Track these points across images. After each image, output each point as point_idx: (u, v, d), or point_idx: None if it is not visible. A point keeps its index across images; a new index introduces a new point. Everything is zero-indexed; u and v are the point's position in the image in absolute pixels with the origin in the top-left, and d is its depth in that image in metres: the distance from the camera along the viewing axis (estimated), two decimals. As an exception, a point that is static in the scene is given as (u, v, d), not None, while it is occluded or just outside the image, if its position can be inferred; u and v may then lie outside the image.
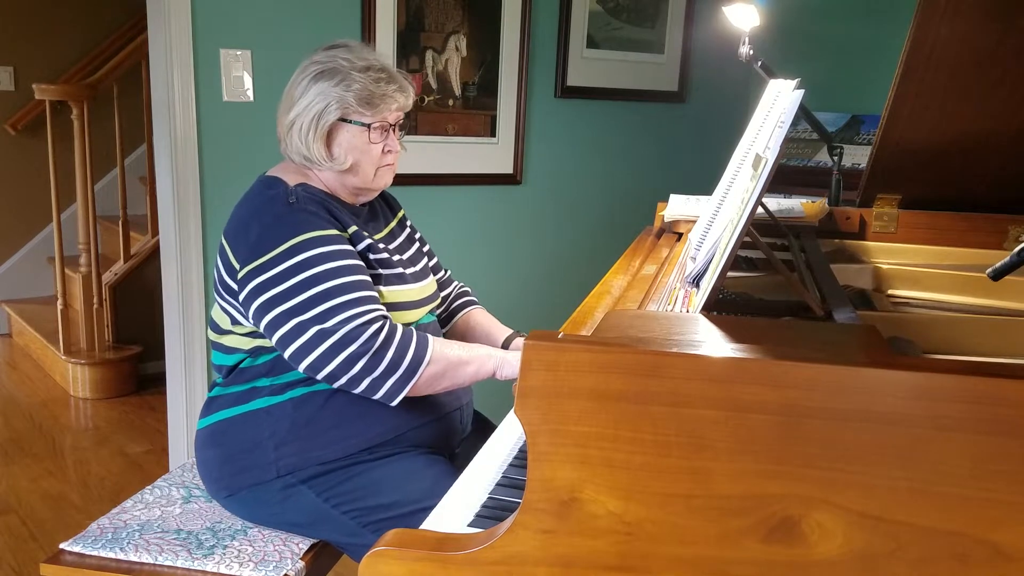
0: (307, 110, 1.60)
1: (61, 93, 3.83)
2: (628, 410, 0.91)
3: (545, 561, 0.95)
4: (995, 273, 1.22)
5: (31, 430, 3.49)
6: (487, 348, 1.62)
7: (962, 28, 1.56)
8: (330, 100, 1.59)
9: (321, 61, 1.62)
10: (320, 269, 1.51)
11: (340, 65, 1.60)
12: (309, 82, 1.61)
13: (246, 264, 1.54)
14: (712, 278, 1.18)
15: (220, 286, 1.62)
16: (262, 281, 1.52)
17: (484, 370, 1.58)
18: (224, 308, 1.63)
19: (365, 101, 1.60)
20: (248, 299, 1.54)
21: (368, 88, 1.59)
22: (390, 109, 1.63)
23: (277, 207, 1.57)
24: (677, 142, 3.50)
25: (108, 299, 3.97)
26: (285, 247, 1.52)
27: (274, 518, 1.62)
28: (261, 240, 1.53)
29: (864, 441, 0.87)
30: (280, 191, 1.59)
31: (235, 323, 1.62)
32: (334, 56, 1.61)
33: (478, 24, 2.95)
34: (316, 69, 1.61)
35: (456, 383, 1.58)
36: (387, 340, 1.50)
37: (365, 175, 1.65)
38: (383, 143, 1.64)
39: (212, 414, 1.67)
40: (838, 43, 3.28)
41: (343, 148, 1.62)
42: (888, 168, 1.86)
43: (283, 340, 1.51)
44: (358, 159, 1.62)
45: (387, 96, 1.61)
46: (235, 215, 1.63)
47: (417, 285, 1.70)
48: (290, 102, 1.63)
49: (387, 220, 1.79)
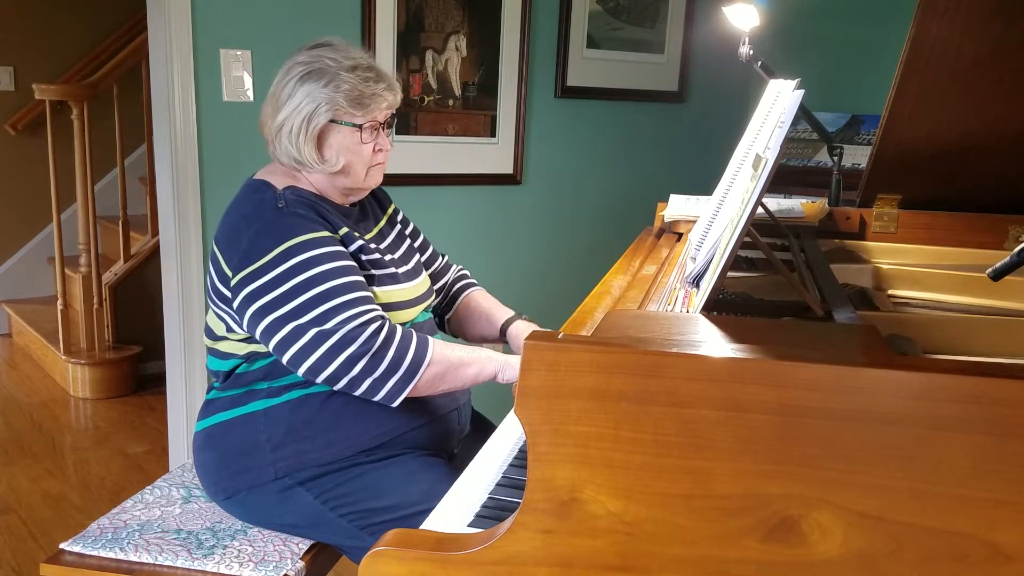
0: (296, 112, 1.57)
1: (61, 93, 3.83)
2: (628, 410, 0.91)
3: (545, 561, 0.95)
4: (995, 273, 1.22)
5: (31, 430, 3.49)
6: (488, 351, 1.60)
7: (962, 28, 1.56)
8: (320, 102, 1.57)
9: (306, 62, 1.59)
10: (315, 272, 1.49)
11: (327, 65, 1.57)
12: (296, 84, 1.58)
13: (238, 271, 1.52)
14: (712, 278, 1.18)
15: (213, 293, 1.61)
16: (255, 288, 1.50)
17: (485, 373, 1.57)
18: (218, 315, 1.62)
19: (355, 102, 1.58)
20: (242, 306, 1.53)
21: (358, 88, 1.57)
22: (380, 108, 1.62)
23: (266, 212, 1.55)
24: (677, 142, 3.50)
25: (108, 299, 3.97)
26: (276, 252, 1.50)
27: (272, 520, 1.61)
28: (252, 246, 1.52)
29: (864, 441, 0.87)
30: (268, 196, 1.57)
31: (230, 330, 1.61)
32: (319, 56, 1.59)
33: (478, 24, 2.95)
34: (302, 70, 1.58)
35: (456, 385, 1.56)
36: (387, 341, 1.49)
37: (356, 176, 1.63)
38: (374, 142, 1.63)
39: (209, 416, 1.66)
40: (838, 43, 3.29)
41: (334, 150, 1.60)
42: (888, 168, 1.86)
43: (281, 345, 1.50)
44: (350, 160, 1.61)
45: (377, 95, 1.60)
46: (225, 221, 1.61)
47: (410, 284, 1.69)
48: (277, 104, 1.60)
49: (376, 219, 1.78)
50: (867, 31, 3.21)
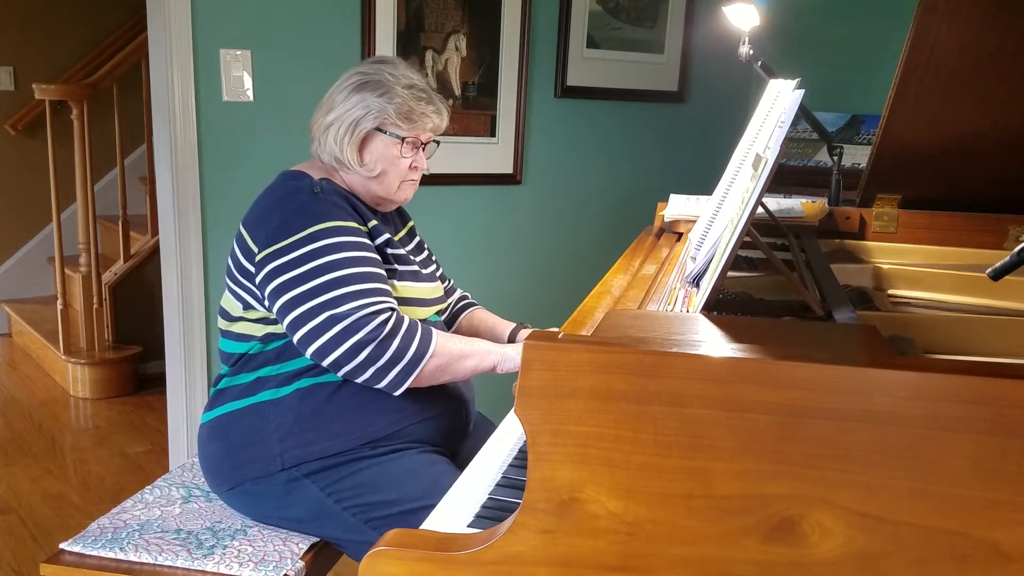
0: (347, 115, 1.66)
1: (61, 93, 3.83)
2: (628, 410, 0.91)
3: (545, 561, 0.95)
4: (995, 273, 1.22)
5: (31, 430, 3.49)
6: (488, 343, 1.65)
7: (962, 28, 1.56)
8: (370, 109, 1.66)
9: (366, 72, 1.69)
10: (337, 257, 1.55)
11: (385, 79, 1.67)
12: (352, 90, 1.67)
13: (265, 247, 1.58)
14: (712, 278, 1.18)
15: (236, 270, 1.65)
16: (280, 264, 1.56)
17: (484, 364, 1.62)
18: (236, 294, 1.66)
19: (404, 115, 1.67)
20: (264, 281, 1.59)
21: (408, 104, 1.66)
22: (425, 127, 1.70)
23: (302, 196, 1.62)
24: (677, 142, 3.50)
25: (108, 299, 3.97)
26: (305, 233, 1.56)
27: (276, 513, 1.63)
28: (283, 225, 1.58)
29: (864, 441, 0.87)
30: (305, 183, 1.65)
31: (247, 308, 1.65)
32: (380, 70, 1.68)
33: (478, 24, 2.95)
34: (360, 79, 1.68)
35: (456, 376, 1.61)
36: (393, 330, 1.54)
37: (389, 185, 1.70)
38: (412, 159, 1.70)
39: (217, 407, 1.68)
40: (838, 43, 3.29)
41: (374, 156, 1.68)
42: (888, 168, 1.86)
43: (294, 323, 1.55)
44: (386, 168, 1.68)
45: (425, 115, 1.69)
46: (256, 205, 1.68)
47: (430, 284, 1.75)
48: (330, 106, 1.69)
49: (397, 229, 1.84)
50: (867, 31, 3.21)
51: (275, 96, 2.61)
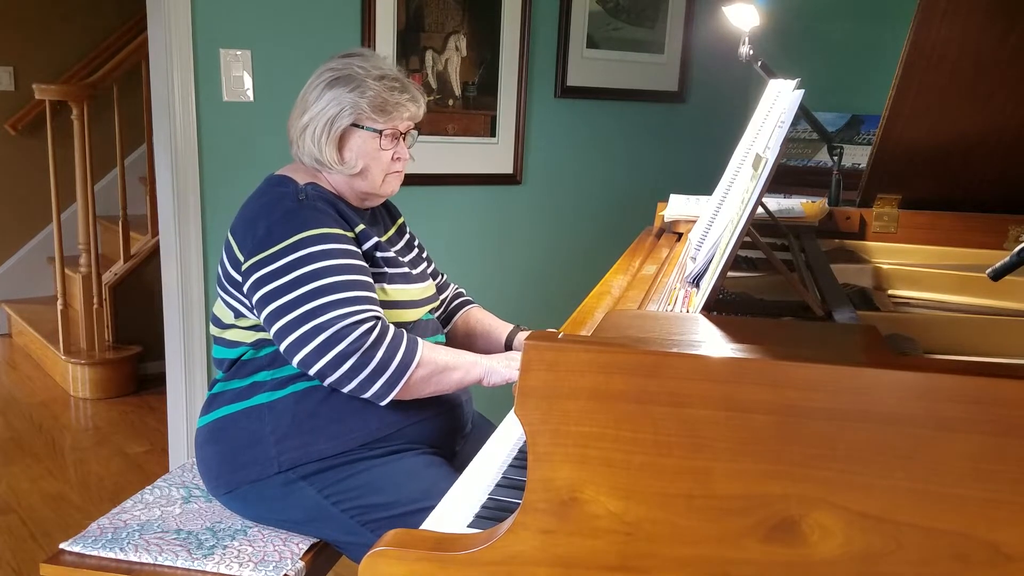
0: (321, 114, 1.63)
1: (61, 93, 3.83)
2: (628, 410, 0.91)
3: (545, 561, 0.95)
4: (995, 273, 1.22)
5: (31, 430, 3.49)
6: (474, 355, 1.64)
7: (962, 28, 1.56)
8: (344, 105, 1.63)
9: (336, 68, 1.66)
10: (321, 265, 1.54)
11: (355, 72, 1.64)
12: (324, 88, 1.64)
13: (252, 256, 1.57)
14: (712, 278, 1.18)
15: (224, 280, 1.65)
16: (265, 273, 1.55)
17: (470, 377, 1.60)
18: (227, 302, 1.66)
19: (378, 108, 1.64)
20: (251, 290, 1.58)
21: (382, 96, 1.63)
22: (402, 117, 1.67)
23: (287, 203, 1.60)
24: (677, 142, 3.50)
25: (108, 299, 3.97)
26: (291, 241, 1.55)
27: (273, 515, 1.62)
28: (269, 234, 1.57)
29: (864, 441, 0.87)
30: (290, 189, 1.63)
31: (238, 316, 1.64)
32: (349, 63, 1.65)
33: (478, 24, 2.95)
34: (331, 75, 1.65)
35: (442, 389, 1.60)
36: (378, 340, 1.52)
37: (373, 180, 1.68)
38: (393, 150, 1.68)
39: (213, 411, 1.68)
40: (838, 43, 3.28)
41: (354, 153, 1.66)
42: (888, 168, 1.86)
43: (280, 333, 1.54)
44: (368, 164, 1.66)
45: (400, 104, 1.66)
46: (243, 212, 1.66)
47: (420, 285, 1.73)
48: (304, 106, 1.67)
49: (387, 227, 1.83)
50: (867, 31, 3.21)
51: (275, 96, 2.61)
